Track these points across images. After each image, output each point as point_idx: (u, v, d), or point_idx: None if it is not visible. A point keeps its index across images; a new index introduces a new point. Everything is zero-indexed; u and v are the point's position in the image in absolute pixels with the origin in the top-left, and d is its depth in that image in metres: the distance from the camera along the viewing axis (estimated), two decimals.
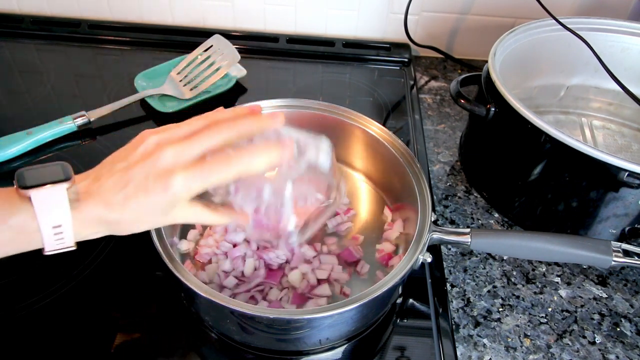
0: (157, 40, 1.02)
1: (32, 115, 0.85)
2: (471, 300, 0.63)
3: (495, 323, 0.61)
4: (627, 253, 0.54)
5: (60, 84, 0.92)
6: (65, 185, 0.38)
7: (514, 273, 0.66)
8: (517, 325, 0.60)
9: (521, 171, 0.67)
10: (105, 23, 1.04)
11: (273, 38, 1.04)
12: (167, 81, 0.89)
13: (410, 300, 0.62)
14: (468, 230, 0.56)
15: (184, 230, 0.65)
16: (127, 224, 0.42)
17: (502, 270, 0.66)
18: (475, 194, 0.77)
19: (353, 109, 0.69)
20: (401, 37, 1.03)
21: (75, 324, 0.57)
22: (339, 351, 0.57)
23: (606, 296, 0.64)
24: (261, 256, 0.60)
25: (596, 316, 0.62)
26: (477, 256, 0.68)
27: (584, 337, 0.60)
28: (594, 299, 0.64)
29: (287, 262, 0.61)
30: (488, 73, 0.68)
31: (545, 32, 0.77)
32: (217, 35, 0.95)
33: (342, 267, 0.61)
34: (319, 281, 0.60)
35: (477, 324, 0.60)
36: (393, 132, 0.67)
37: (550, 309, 0.62)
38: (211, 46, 0.91)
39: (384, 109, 0.91)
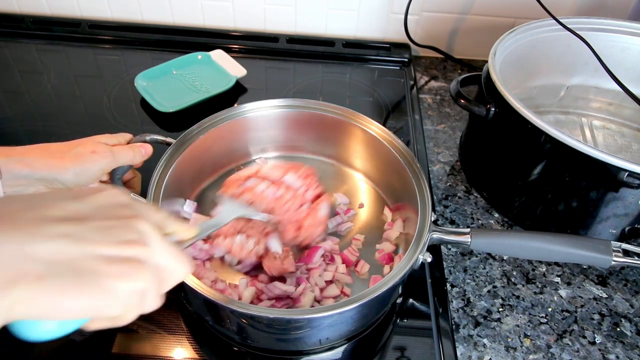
0: (157, 40, 1.02)
1: (32, 115, 0.85)
2: (471, 300, 0.63)
3: (495, 323, 0.61)
4: (627, 253, 0.54)
5: (60, 84, 0.92)
6: None
7: (514, 273, 0.66)
8: (517, 325, 0.60)
9: (521, 171, 0.67)
10: (105, 23, 1.05)
11: (273, 38, 1.04)
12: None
13: (410, 300, 0.62)
14: (468, 230, 0.56)
15: None
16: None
17: (502, 270, 0.66)
18: (475, 194, 0.77)
19: (353, 109, 0.69)
20: (401, 37, 1.03)
21: None
22: (339, 351, 0.57)
23: (606, 296, 0.64)
24: (262, 288, 0.59)
25: (596, 316, 0.62)
26: (477, 256, 0.68)
27: (584, 337, 0.60)
28: (594, 299, 0.64)
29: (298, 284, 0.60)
30: (488, 73, 0.68)
31: (545, 32, 0.77)
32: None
33: (345, 266, 0.62)
34: (326, 282, 0.60)
35: (477, 324, 0.60)
36: (393, 132, 0.67)
37: (550, 309, 0.62)
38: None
39: (384, 109, 0.91)
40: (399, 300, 0.61)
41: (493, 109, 0.67)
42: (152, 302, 0.32)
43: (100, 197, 0.32)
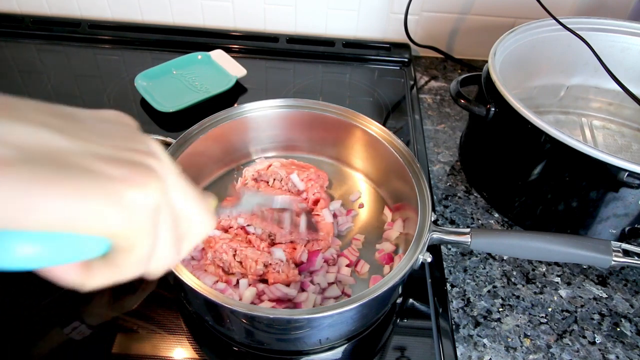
0: (157, 40, 1.02)
1: None
2: (471, 300, 0.63)
3: (495, 323, 0.61)
4: (627, 253, 0.54)
5: (60, 84, 0.92)
6: None
7: (514, 273, 0.66)
8: (517, 325, 0.60)
9: (521, 171, 0.67)
10: (105, 23, 1.05)
11: (273, 38, 1.04)
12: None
13: (410, 300, 0.62)
14: (468, 230, 0.56)
15: None
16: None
17: (502, 270, 0.66)
18: (475, 194, 0.77)
19: (353, 109, 0.69)
20: (401, 37, 1.03)
21: (75, 324, 0.57)
22: (339, 351, 0.57)
23: (606, 296, 0.64)
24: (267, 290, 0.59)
25: (596, 316, 0.62)
26: (477, 256, 0.68)
27: (584, 337, 0.60)
28: (594, 299, 0.64)
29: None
30: (488, 73, 0.68)
31: (545, 32, 0.77)
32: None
33: (347, 268, 0.62)
34: (328, 284, 0.60)
35: (477, 324, 0.60)
36: (393, 132, 0.67)
37: (550, 309, 0.62)
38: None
39: (384, 109, 0.91)
40: (399, 300, 0.61)
41: (493, 109, 0.67)
42: (168, 253, 0.25)
43: (102, 112, 0.26)
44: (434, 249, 0.67)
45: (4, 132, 0.19)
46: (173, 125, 0.85)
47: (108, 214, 0.21)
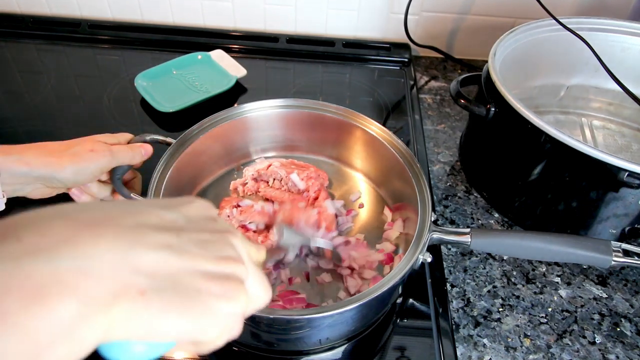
0: (157, 40, 1.02)
1: (32, 115, 0.85)
2: (471, 300, 0.63)
3: (495, 323, 0.61)
4: (627, 253, 0.54)
5: (60, 84, 0.92)
6: None
7: (514, 273, 0.66)
8: (517, 325, 0.60)
9: (521, 171, 0.67)
10: (105, 23, 1.05)
11: (273, 38, 1.04)
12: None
13: (410, 300, 0.62)
14: (468, 230, 0.56)
15: None
16: None
17: (502, 270, 0.66)
18: (475, 194, 0.77)
19: (353, 109, 0.69)
20: (401, 37, 1.03)
21: None
22: (339, 351, 0.57)
23: (606, 296, 0.64)
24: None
25: (596, 316, 0.62)
26: (477, 256, 0.68)
27: (584, 337, 0.60)
28: (594, 299, 0.64)
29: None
30: (488, 73, 0.68)
31: (545, 32, 0.77)
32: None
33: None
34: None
35: (477, 324, 0.60)
36: (393, 132, 0.67)
37: (550, 309, 0.62)
38: None
39: (384, 109, 0.91)
40: (399, 300, 0.61)
41: (493, 109, 0.67)
42: (239, 328, 0.30)
43: (191, 208, 0.30)
44: (434, 249, 0.67)
45: (138, 261, 0.24)
46: (173, 125, 0.85)
47: (206, 325, 0.26)
